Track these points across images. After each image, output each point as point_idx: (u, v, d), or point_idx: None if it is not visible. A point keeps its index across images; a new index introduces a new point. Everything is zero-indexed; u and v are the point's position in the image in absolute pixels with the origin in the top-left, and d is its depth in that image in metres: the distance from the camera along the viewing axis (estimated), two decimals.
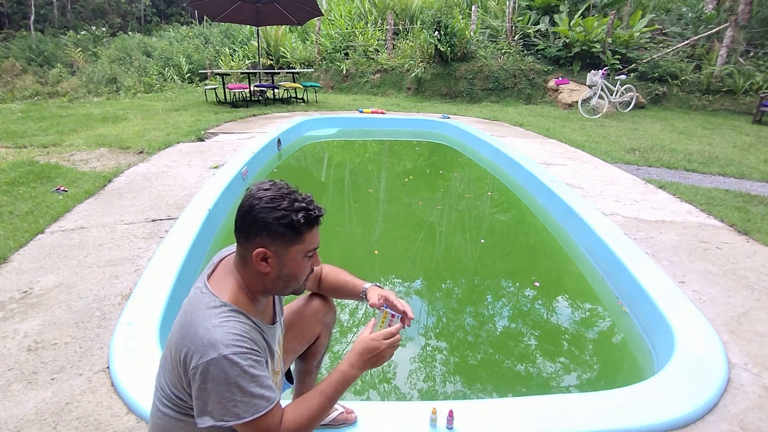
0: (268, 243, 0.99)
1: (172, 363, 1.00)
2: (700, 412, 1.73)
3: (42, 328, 2.08)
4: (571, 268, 3.43)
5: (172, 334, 1.01)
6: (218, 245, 3.39)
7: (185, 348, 0.94)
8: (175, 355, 0.98)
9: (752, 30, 11.40)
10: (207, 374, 0.91)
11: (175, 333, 0.99)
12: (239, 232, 1.02)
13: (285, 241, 1.00)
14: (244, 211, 1.00)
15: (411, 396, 2.06)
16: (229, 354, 0.91)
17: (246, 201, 1.00)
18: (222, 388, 0.91)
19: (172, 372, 1.00)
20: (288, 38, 13.55)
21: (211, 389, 0.91)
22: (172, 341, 1.00)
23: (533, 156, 5.61)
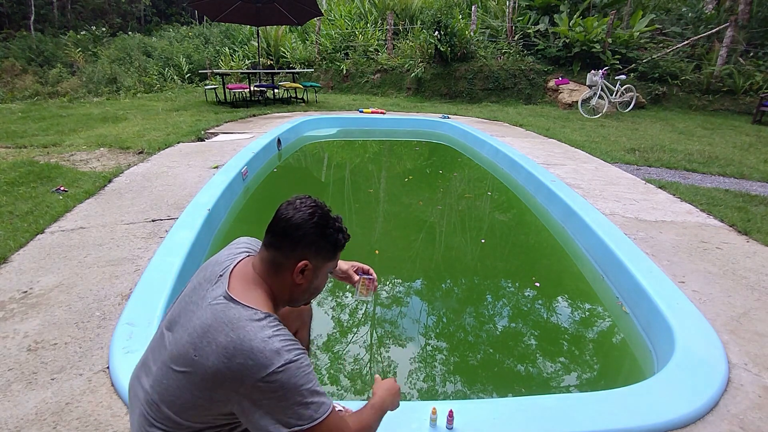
0: (312, 257, 1.04)
1: (202, 384, 0.94)
2: (700, 412, 1.73)
3: (42, 328, 2.08)
4: (571, 268, 3.43)
5: (204, 356, 0.93)
6: (218, 245, 3.39)
7: (240, 365, 0.90)
8: (215, 376, 0.92)
9: (752, 30, 11.40)
10: (278, 383, 0.90)
11: (214, 358, 0.92)
12: (284, 243, 1.03)
13: (325, 257, 1.07)
14: (295, 224, 1.02)
15: (411, 396, 2.06)
16: (293, 358, 0.92)
17: (296, 215, 1.03)
18: (293, 393, 0.91)
19: (197, 394, 0.95)
20: (288, 38, 13.55)
21: (282, 396, 0.91)
22: (207, 367, 0.93)
23: (533, 156, 5.61)
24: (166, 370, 0.99)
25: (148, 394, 1.02)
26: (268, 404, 0.91)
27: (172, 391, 0.97)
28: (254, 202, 4.54)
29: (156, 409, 1.00)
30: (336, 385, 2.11)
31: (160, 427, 1.00)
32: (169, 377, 0.98)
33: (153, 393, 1.01)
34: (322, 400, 0.94)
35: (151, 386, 1.02)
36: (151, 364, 1.06)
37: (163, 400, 0.99)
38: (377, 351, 2.35)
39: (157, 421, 1.00)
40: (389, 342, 2.45)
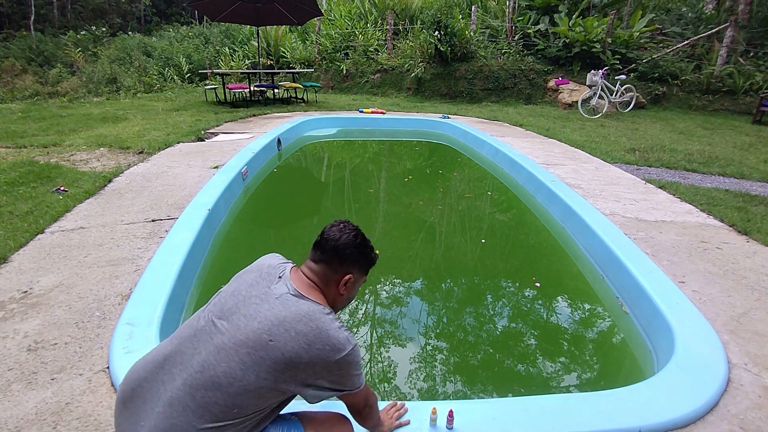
0: (356, 272, 1.26)
1: (273, 366, 1.06)
2: (700, 412, 1.73)
3: (42, 328, 2.08)
4: (571, 268, 3.43)
5: (282, 342, 1.06)
6: (218, 245, 3.39)
7: (319, 350, 1.08)
8: (292, 360, 1.07)
9: (752, 30, 11.40)
10: (347, 362, 1.12)
11: (292, 348, 1.07)
12: (333, 260, 1.22)
13: (362, 272, 1.29)
14: (343, 245, 1.22)
15: (411, 396, 2.06)
16: (354, 343, 1.15)
17: (342, 237, 1.23)
18: (355, 368, 1.16)
19: (263, 375, 1.06)
20: (288, 38, 13.55)
21: (351, 370, 1.15)
22: (286, 354, 1.06)
23: (533, 156, 5.61)
24: (227, 354, 1.06)
25: (192, 380, 1.06)
26: (332, 378, 1.13)
27: (232, 373, 1.05)
28: (254, 202, 4.54)
29: (201, 395, 1.04)
30: None
31: (199, 413, 1.04)
32: (231, 360, 1.06)
33: (200, 378, 1.05)
34: (362, 372, 1.21)
35: (199, 371, 1.06)
36: (192, 352, 1.10)
37: (216, 384, 1.04)
38: (377, 351, 2.35)
39: (197, 408, 1.04)
40: (389, 342, 2.45)
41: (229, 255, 3.40)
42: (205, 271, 3.00)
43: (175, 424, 1.03)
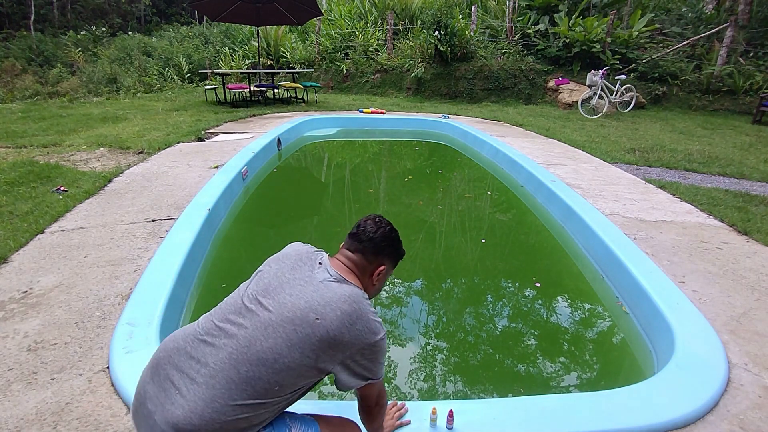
0: (388, 263, 1.35)
1: (317, 344, 1.10)
2: (700, 412, 1.73)
3: (42, 328, 2.08)
4: (571, 268, 3.43)
5: (328, 320, 1.11)
6: (218, 245, 3.39)
7: (359, 331, 1.14)
8: (335, 337, 1.11)
9: (752, 30, 11.40)
10: (380, 347, 1.19)
11: (335, 325, 1.12)
12: (368, 250, 1.30)
13: (393, 265, 1.38)
14: (380, 237, 1.31)
15: (411, 396, 2.06)
16: (385, 332, 1.22)
17: (378, 230, 1.32)
18: (383, 355, 1.23)
19: (307, 352, 1.09)
20: (288, 38, 13.55)
21: (379, 357, 1.21)
22: (329, 330, 1.11)
23: (533, 156, 5.61)
24: (274, 330, 1.10)
25: (237, 354, 1.08)
26: (364, 363, 1.18)
27: (278, 350, 1.08)
28: (254, 202, 4.54)
29: (245, 369, 1.06)
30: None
31: (241, 387, 1.06)
32: (278, 336, 1.09)
33: (246, 353, 1.07)
34: (383, 368, 1.26)
35: (246, 346, 1.08)
36: (237, 328, 1.11)
37: (261, 359, 1.07)
38: None
39: (240, 382, 1.06)
40: (389, 342, 2.45)
41: (229, 255, 3.40)
42: (205, 271, 3.00)
43: (215, 396, 1.04)
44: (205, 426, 1.02)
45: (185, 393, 1.05)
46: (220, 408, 1.03)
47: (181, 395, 1.05)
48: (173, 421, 1.02)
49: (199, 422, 1.02)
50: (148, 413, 1.06)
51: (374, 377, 1.23)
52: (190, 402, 1.04)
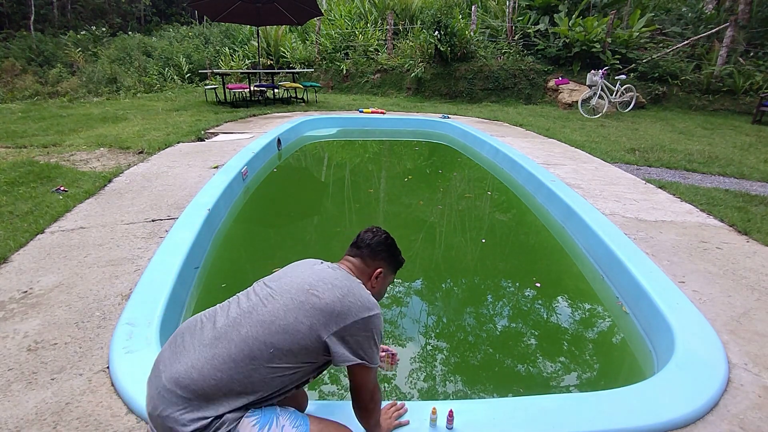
0: (385, 267, 1.46)
1: (312, 318, 1.20)
2: (700, 412, 1.73)
3: (42, 328, 2.08)
4: (571, 268, 3.43)
5: (319, 302, 1.21)
6: (218, 245, 3.39)
7: (349, 304, 1.23)
8: (325, 311, 1.21)
9: (752, 30, 11.40)
10: (371, 324, 1.24)
11: (330, 297, 1.22)
12: (367, 255, 1.43)
13: (391, 271, 1.49)
14: (376, 243, 1.44)
15: (411, 396, 2.06)
16: (380, 314, 1.29)
17: (375, 238, 1.45)
18: (377, 337, 1.27)
19: (304, 325, 1.19)
20: (288, 38, 13.55)
21: (372, 336, 1.25)
22: (323, 300, 1.22)
23: (533, 156, 5.61)
24: (273, 299, 1.23)
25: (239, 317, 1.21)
26: (358, 339, 1.23)
27: (275, 312, 1.20)
28: (254, 202, 4.54)
29: (245, 330, 1.18)
30: (336, 384, 2.11)
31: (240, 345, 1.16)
32: (276, 303, 1.22)
33: (247, 317, 1.21)
34: (379, 351, 1.30)
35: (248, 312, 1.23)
36: (244, 302, 1.26)
37: (260, 321, 1.19)
38: None
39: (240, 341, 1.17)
40: (389, 342, 2.45)
41: (229, 255, 3.40)
42: (205, 271, 3.00)
43: (216, 354, 1.15)
44: (202, 380, 1.12)
45: (190, 351, 1.17)
46: (218, 365, 1.13)
47: (186, 353, 1.17)
48: (175, 376, 1.13)
49: (197, 376, 1.12)
50: (158, 373, 1.17)
51: (368, 359, 1.25)
52: (192, 359, 1.15)
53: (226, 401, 1.13)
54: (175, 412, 1.10)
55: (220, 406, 1.12)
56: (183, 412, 1.10)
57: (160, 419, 1.11)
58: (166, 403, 1.11)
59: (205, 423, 1.10)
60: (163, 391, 1.13)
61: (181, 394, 1.11)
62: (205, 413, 1.10)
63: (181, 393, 1.11)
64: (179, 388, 1.12)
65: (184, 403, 1.11)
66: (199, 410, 1.10)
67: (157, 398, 1.13)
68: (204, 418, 1.10)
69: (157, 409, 1.12)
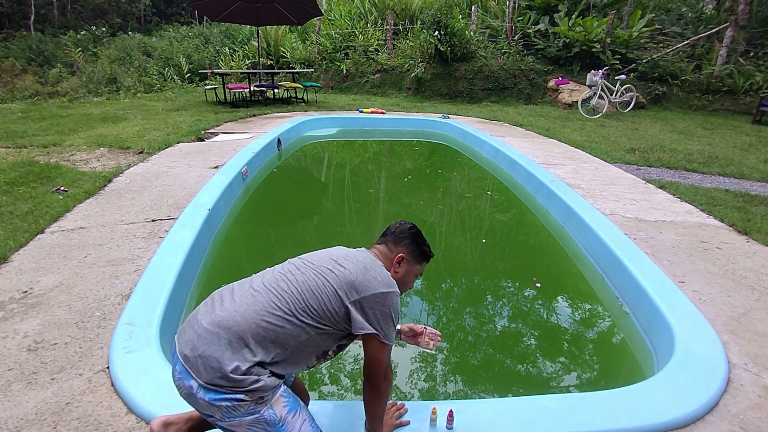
0: (408, 254, 1.51)
1: (338, 284, 1.31)
2: (700, 412, 1.73)
3: (42, 328, 2.08)
4: (571, 268, 3.43)
5: (344, 271, 1.33)
6: (218, 245, 3.39)
7: (369, 280, 1.32)
8: (348, 280, 1.31)
9: (752, 30, 11.40)
10: (389, 300, 1.33)
11: (353, 269, 1.33)
12: (390, 241, 1.52)
13: (415, 258, 1.53)
14: (400, 230, 1.53)
15: (411, 396, 2.06)
16: (397, 292, 1.37)
17: (401, 227, 1.54)
18: (395, 314, 1.35)
19: (330, 290, 1.30)
20: (288, 38, 13.55)
21: (387, 313, 1.32)
22: (347, 271, 1.33)
23: (533, 156, 5.61)
24: (302, 268, 1.35)
25: (272, 279, 1.33)
26: (376, 312, 1.30)
27: (307, 277, 1.32)
28: (254, 202, 4.54)
29: (276, 286, 1.30)
30: (336, 384, 2.11)
31: (274, 296, 1.28)
32: (308, 270, 1.34)
33: (278, 278, 1.33)
34: (394, 333, 1.36)
35: (279, 273, 1.35)
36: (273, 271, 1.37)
37: (295, 282, 1.31)
38: None
39: (271, 294, 1.28)
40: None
41: (229, 255, 3.40)
42: (205, 271, 3.00)
43: (257, 301, 1.26)
44: (245, 324, 1.21)
45: (234, 300, 1.27)
46: (259, 310, 1.24)
47: (230, 303, 1.27)
48: (218, 320, 1.22)
49: (241, 320, 1.22)
50: (196, 322, 1.24)
51: (383, 334, 1.32)
52: (236, 305, 1.25)
53: (263, 350, 1.21)
54: (218, 351, 1.17)
55: (257, 352, 1.20)
56: (226, 351, 1.18)
57: (201, 359, 1.17)
58: (207, 343, 1.18)
59: (247, 366, 1.17)
60: (205, 333, 1.20)
61: (224, 335, 1.19)
62: (246, 356, 1.18)
63: (224, 334, 1.19)
64: (223, 329, 1.20)
65: (226, 343, 1.18)
66: (240, 352, 1.18)
67: (197, 340, 1.20)
68: (246, 360, 1.18)
69: (197, 350, 1.19)
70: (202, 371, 1.17)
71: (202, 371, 1.17)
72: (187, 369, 1.19)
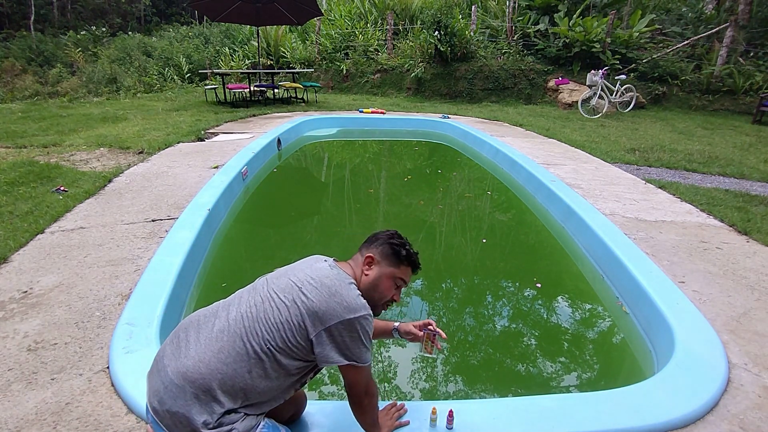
0: (378, 254, 1.43)
1: (300, 317, 1.24)
2: (700, 412, 1.73)
3: (42, 328, 2.08)
4: (571, 268, 3.43)
5: (307, 302, 1.25)
6: (218, 245, 3.39)
7: (334, 307, 1.24)
8: (310, 311, 1.24)
9: (752, 30, 11.40)
10: (355, 326, 1.24)
11: (317, 297, 1.26)
12: (364, 244, 1.47)
13: (388, 262, 1.43)
14: (375, 234, 1.48)
15: (411, 396, 2.06)
16: (367, 315, 1.28)
17: (379, 233, 1.50)
18: (365, 337, 1.27)
19: (294, 324, 1.24)
20: (288, 38, 13.55)
21: (361, 337, 1.26)
22: (310, 300, 1.25)
23: (533, 156, 5.61)
24: (271, 297, 1.28)
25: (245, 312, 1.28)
26: (342, 340, 1.24)
27: (272, 309, 1.26)
28: (254, 202, 4.54)
29: (248, 325, 1.25)
30: (336, 384, 2.11)
31: (246, 340, 1.23)
32: (272, 300, 1.28)
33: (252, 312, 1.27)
34: (370, 348, 1.30)
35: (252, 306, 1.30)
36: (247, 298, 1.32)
37: (260, 318, 1.25)
38: (377, 351, 2.35)
39: (244, 337, 1.23)
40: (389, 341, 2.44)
41: (229, 255, 3.40)
42: (205, 271, 3.00)
43: (222, 347, 1.21)
44: (210, 374, 1.17)
45: (199, 343, 1.22)
46: (224, 359, 1.19)
47: (195, 346, 1.21)
48: (183, 370, 1.17)
49: (206, 370, 1.17)
50: (162, 367, 1.20)
51: (357, 359, 1.26)
52: (200, 350, 1.20)
53: (231, 398, 1.18)
54: (185, 406, 1.14)
55: (225, 403, 1.17)
56: (193, 405, 1.14)
57: (170, 414, 1.15)
58: (174, 397, 1.15)
59: (216, 418, 1.15)
60: (171, 386, 1.16)
61: (189, 389, 1.15)
62: (214, 408, 1.15)
63: (189, 388, 1.15)
64: (188, 382, 1.16)
65: (192, 397, 1.15)
66: (208, 405, 1.15)
67: (164, 392, 1.17)
68: (214, 413, 1.15)
69: (165, 404, 1.16)
70: (172, 426, 1.15)
71: (172, 426, 1.15)
72: (158, 422, 1.17)
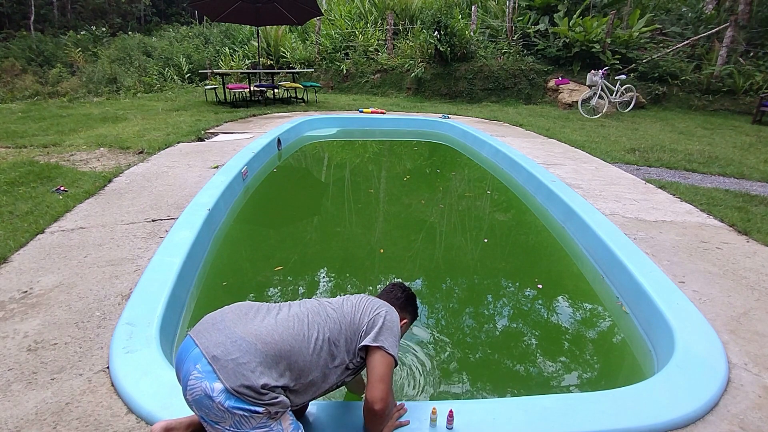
0: (410, 319, 1.76)
1: (355, 322, 1.48)
2: (700, 412, 1.73)
3: (42, 328, 2.08)
4: (571, 268, 3.43)
5: (358, 308, 1.52)
6: (218, 245, 3.39)
7: (372, 309, 1.51)
8: (360, 316, 1.49)
9: (752, 30, 11.40)
10: (387, 315, 1.51)
11: (362, 306, 1.53)
12: (400, 306, 1.70)
13: (413, 320, 1.79)
14: (411, 300, 1.78)
15: (411, 396, 2.06)
16: (392, 311, 1.57)
17: (410, 294, 1.79)
18: (392, 327, 1.51)
19: (352, 328, 1.46)
20: (288, 38, 13.55)
21: (388, 325, 1.49)
22: (360, 309, 1.51)
23: (533, 156, 5.61)
24: (339, 307, 1.52)
25: (333, 339, 1.44)
26: (380, 326, 1.47)
27: (346, 330, 1.46)
28: (254, 202, 4.54)
29: (312, 317, 1.43)
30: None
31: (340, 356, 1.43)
32: (343, 323, 1.47)
33: (333, 338, 1.43)
34: (396, 346, 1.49)
35: (336, 338, 1.45)
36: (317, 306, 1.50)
37: (342, 340, 1.44)
38: None
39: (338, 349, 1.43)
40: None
41: (229, 255, 3.40)
42: (205, 271, 3.00)
43: (292, 326, 1.36)
44: (282, 342, 1.29)
45: (265, 319, 1.35)
46: (294, 334, 1.33)
47: (271, 320, 1.35)
48: (256, 332, 1.28)
49: (278, 338, 1.29)
50: (225, 327, 1.28)
51: (385, 345, 1.43)
52: (272, 323, 1.33)
53: (292, 376, 1.28)
54: (253, 362, 1.21)
55: (285, 376, 1.27)
56: (259, 365, 1.22)
57: (235, 364, 1.20)
58: (243, 351, 1.22)
59: (273, 385, 1.22)
60: (241, 341, 1.24)
61: (261, 349, 1.24)
62: (275, 376, 1.24)
63: (261, 348, 1.24)
64: (261, 342, 1.25)
65: (262, 357, 1.23)
66: (273, 370, 1.24)
67: (231, 345, 1.23)
68: (274, 380, 1.23)
69: (231, 354, 1.21)
70: (232, 376, 1.17)
71: (232, 376, 1.17)
72: (215, 370, 1.18)
